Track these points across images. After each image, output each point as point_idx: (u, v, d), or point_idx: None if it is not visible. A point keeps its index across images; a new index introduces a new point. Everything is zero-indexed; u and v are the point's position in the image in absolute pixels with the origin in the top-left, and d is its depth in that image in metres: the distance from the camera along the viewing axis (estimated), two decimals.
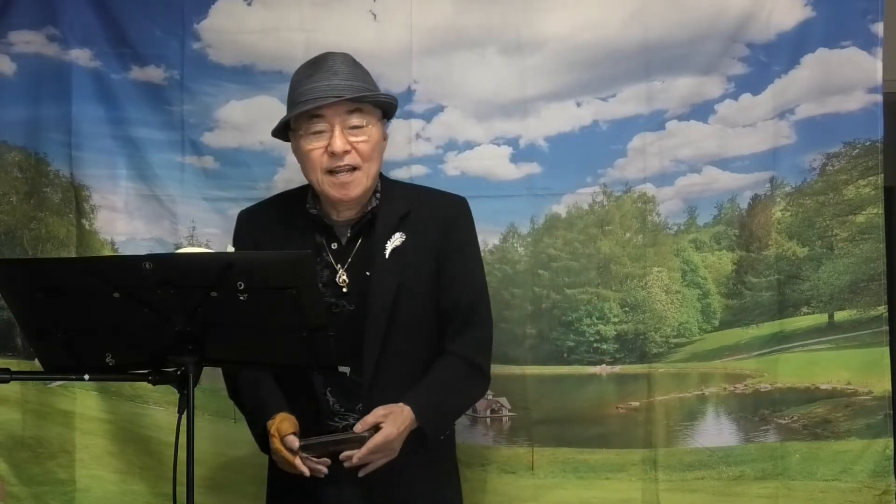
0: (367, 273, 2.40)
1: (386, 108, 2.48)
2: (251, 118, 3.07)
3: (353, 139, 2.37)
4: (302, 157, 2.42)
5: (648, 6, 2.96)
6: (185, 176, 3.10)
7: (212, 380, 3.04)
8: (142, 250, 3.05)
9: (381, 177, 2.51)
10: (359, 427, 2.29)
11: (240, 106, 3.08)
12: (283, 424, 2.32)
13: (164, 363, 2.01)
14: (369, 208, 2.44)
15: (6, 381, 2.05)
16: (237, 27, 3.07)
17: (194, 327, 1.98)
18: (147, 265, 1.91)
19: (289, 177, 3.06)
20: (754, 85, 2.96)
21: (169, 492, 2.04)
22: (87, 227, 3.11)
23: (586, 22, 2.97)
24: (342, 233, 2.45)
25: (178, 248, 3.02)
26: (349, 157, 2.36)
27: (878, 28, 2.90)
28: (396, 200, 2.46)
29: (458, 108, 3.03)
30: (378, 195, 2.46)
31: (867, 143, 2.93)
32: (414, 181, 2.96)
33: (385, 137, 2.49)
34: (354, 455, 2.27)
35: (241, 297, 1.94)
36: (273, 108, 3.05)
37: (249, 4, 3.08)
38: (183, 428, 1.96)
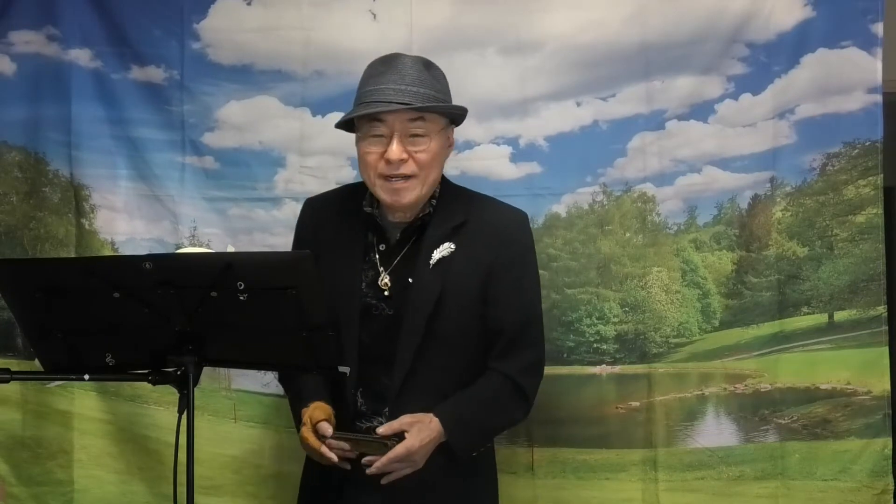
0: (410, 280, 2.36)
1: (453, 116, 2.43)
2: (251, 118, 3.07)
3: (411, 148, 2.31)
4: (359, 156, 2.37)
5: (648, 6, 2.96)
6: (186, 176, 3.09)
7: (212, 380, 3.06)
8: (142, 250, 3.04)
9: (443, 182, 2.45)
10: (382, 430, 2.25)
11: (239, 106, 3.08)
12: (316, 412, 2.30)
13: (164, 363, 2.00)
14: (422, 214, 2.39)
15: (6, 381, 2.04)
16: (236, 27, 3.06)
17: (194, 327, 1.98)
18: (147, 265, 1.91)
19: (289, 176, 3.06)
20: (754, 85, 2.96)
21: (169, 492, 2.04)
22: (86, 226, 3.11)
23: (586, 22, 2.97)
24: (392, 235, 2.41)
25: (178, 247, 3.02)
26: (405, 167, 2.30)
27: (878, 28, 2.90)
28: (453, 209, 2.40)
29: None
30: (434, 201, 2.40)
31: (867, 143, 2.93)
32: None
33: (451, 144, 2.44)
34: (374, 464, 2.24)
35: (241, 297, 1.94)
36: (273, 108, 3.06)
37: (249, 4, 3.08)
38: (183, 428, 1.96)
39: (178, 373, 1.99)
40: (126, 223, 3.12)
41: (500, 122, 3.01)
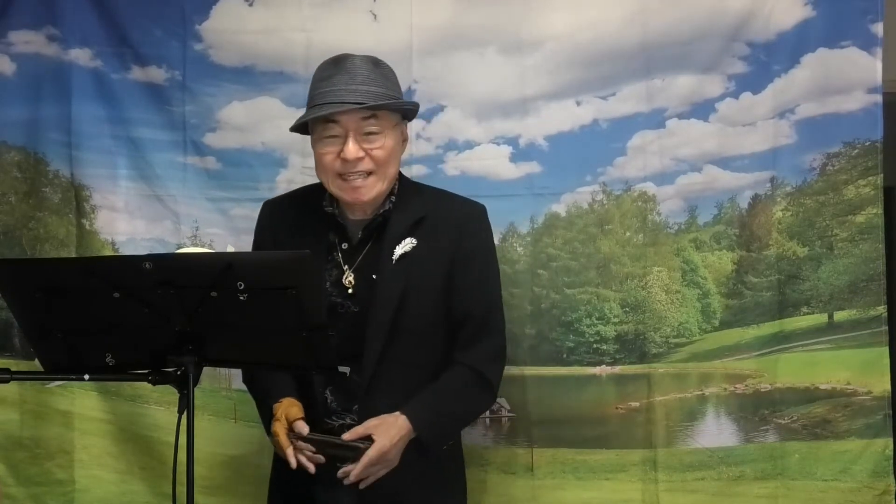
0: (374, 276, 2.38)
1: (405, 112, 2.46)
2: (253, 119, 3.08)
3: (367, 146, 2.33)
4: (315, 158, 2.40)
5: (648, 5, 2.96)
6: (188, 176, 3.10)
7: (212, 380, 3.06)
8: (142, 250, 3.05)
9: (401, 178, 2.48)
10: (348, 436, 2.27)
11: (241, 106, 3.08)
12: (292, 409, 2.31)
13: (164, 363, 2.01)
14: (381, 211, 2.42)
15: (6, 381, 2.05)
16: (238, 27, 3.07)
17: (194, 327, 1.98)
18: (147, 265, 1.92)
19: (290, 177, 3.06)
20: (754, 84, 2.96)
21: (169, 492, 2.04)
22: (87, 227, 3.11)
23: (586, 21, 2.97)
24: (354, 233, 2.43)
25: (179, 247, 3.03)
26: (362, 164, 2.33)
27: (878, 28, 2.90)
28: (412, 205, 2.43)
29: (458, 108, 3.03)
30: (393, 198, 2.43)
31: (867, 143, 2.93)
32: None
33: (405, 139, 2.46)
34: (351, 473, 2.25)
35: (241, 297, 1.94)
36: (275, 109, 3.07)
37: (250, 5, 3.08)
38: (183, 428, 1.96)
39: (178, 373, 1.99)
40: (127, 223, 3.12)
41: (500, 121, 3.02)
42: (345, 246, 2.43)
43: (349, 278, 2.40)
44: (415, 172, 3.00)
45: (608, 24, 2.97)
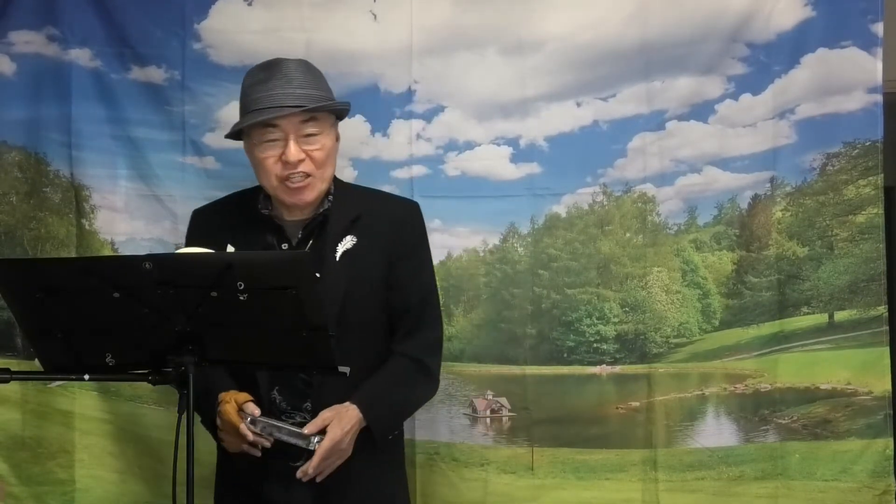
0: (318, 275, 2.36)
1: (339, 112, 2.49)
2: None
3: (307, 147, 2.37)
4: (255, 162, 2.43)
5: (648, 6, 2.96)
6: (187, 176, 3.10)
7: None
8: (142, 250, 3.05)
9: (335, 179, 2.51)
10: (308, 429, 2.29)
11: None
12: (240, 395, 2.33)
13: (164, 363, 2.01)
14: (321, 210, 2.45)
15: (6, 381, 2.05)
16: (238, 27, 3.07)
17: (194, 327, 1.98)
18: (147, 265, 1.92)
19: None
20: (754, 85, 2.96)
21: (169, 492, 2.04)
22: (87, 227, 3.11)
23: (586, 22, 2.98)
24: (293, 233, 2.46)
25: (178, 247, 3.02)
26: (303, 165, 2.37)
27: (878, 28, 2.90)
28: (349, 203, 2.47)
29: (459, 108, 3.03)
30: (330, 197, 2.46)
31: (867, 143, 2.93)
32: (414, 181, 2.98)
33: (338, 139, 2.49)
34: (308, 468, 2.28)
35: (241, 297, 1.94)
36: None
37: (250, 5, 3.08)
38: (183, 428, 1.96)
39: (178, 373, 1.99)
40: (126, 223, 3.12)
41: (500, 122, 3.02)
42: (284, 246, 2.45)
43: None
44: (414, 173, 3.01)
45: (608, 25, 2.97)
